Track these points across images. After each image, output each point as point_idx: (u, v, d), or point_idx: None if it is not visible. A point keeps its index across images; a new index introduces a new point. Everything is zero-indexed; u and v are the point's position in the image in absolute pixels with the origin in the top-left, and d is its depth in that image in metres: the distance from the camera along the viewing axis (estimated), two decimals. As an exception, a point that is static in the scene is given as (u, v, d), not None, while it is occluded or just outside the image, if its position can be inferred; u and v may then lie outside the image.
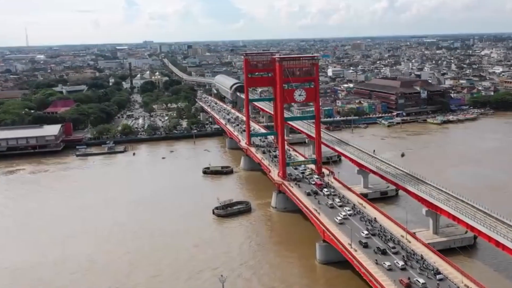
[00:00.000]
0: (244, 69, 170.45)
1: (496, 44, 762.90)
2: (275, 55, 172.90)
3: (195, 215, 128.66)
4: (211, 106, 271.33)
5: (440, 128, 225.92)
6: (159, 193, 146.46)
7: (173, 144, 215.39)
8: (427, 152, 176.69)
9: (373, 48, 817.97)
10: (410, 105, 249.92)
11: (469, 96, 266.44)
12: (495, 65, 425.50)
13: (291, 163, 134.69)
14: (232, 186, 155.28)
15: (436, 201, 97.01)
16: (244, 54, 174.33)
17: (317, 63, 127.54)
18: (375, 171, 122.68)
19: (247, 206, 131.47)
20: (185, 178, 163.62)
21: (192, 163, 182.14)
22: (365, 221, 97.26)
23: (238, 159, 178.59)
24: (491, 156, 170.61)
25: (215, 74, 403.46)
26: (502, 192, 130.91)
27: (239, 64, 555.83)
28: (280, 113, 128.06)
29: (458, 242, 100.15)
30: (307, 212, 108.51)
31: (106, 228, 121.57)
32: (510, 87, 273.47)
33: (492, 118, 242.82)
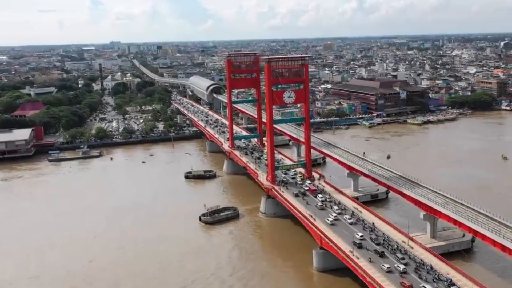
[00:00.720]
0: (226, 70, 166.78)
1: (464, 44, 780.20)
2: (258, 55, 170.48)
3: (181, 222, 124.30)
4: (187, 108, 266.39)
5: (421, 128, 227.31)
6: (141, 199, 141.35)
7: (150, 148, 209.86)
8: (412, 153, 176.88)
9: (344, 49, 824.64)
10: (390, 105, 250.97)
11: (447, 96, 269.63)
12: (468, 65, 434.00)
13: (281, 167, 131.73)
14: (217, 191, 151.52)
15: (435, 205, 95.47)
16: (227, 55, 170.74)
17: (306, 64, 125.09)
18: (367, 174, 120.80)
19: (235, 212, 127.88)
20: (166, 183, 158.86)
21: (173, 167, 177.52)
22: (368, 230, 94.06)
23: (220, 162, 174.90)
24: (475, 157, 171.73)
25: (188, 75, 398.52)
26: (492, 192, 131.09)
27: (212, 65, 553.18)
28: (269, 115, 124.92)
29: (457, 246, 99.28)
30: (301, 218, 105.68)
31: (86, 236, 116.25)
32: (487, 87, 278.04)
33: (471, 118, 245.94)
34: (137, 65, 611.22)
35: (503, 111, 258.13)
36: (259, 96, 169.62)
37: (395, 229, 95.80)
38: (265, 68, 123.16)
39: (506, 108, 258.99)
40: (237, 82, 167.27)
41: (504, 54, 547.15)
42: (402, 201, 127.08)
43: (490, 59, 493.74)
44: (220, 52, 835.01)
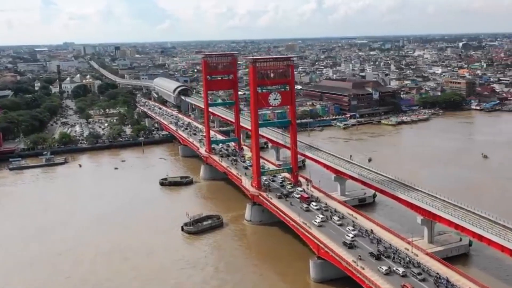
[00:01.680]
0: (203, 71, 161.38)
1: (424, 45, 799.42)
2: (235, 56, 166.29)
3: (162, 232, 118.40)
4: (155, 111, 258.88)
5: (395, 129, 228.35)
6: (116, 209, 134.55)
7: (118, 153, 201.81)
8: (393, 154, 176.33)
9: (306, 49, 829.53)
10: (362, 106, 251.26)
11: (418, 96, 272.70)
12: (432, 65, 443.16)
13: (267, 172, 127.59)
14: (196, 198, 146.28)
15: (435, 209, 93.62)
16: (203, 55, 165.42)
17: (292, 64, 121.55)
18: (358, 178, 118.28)
19: (219, 220, 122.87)
20: (142, 190, 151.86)
21: (147, 173, 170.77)
22: (376, 243, 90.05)
23: (195, 168, 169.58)
24: (455, 156, 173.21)
25: (151, 77, 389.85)
26: (481, 193, 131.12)
27: (174, 66, 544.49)
28: (254, 118, 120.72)
29: (455, 251, 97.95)
30: (294, 226, 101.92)
31: (60, 251, 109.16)
32: (456, 87, 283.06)
33: (443, 118, 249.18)
34: (96, 66, 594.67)
35: (473, 111, 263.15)
36: (237, 98, 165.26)
37: (394, 235, 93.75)
38: (250, 69, 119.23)
39: (476, 108, 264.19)
40: (214, 83, 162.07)
41: (464, 54, 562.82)
42: (390, 205, 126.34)
43: (451, 59, 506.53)
44: (180, 53, 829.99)
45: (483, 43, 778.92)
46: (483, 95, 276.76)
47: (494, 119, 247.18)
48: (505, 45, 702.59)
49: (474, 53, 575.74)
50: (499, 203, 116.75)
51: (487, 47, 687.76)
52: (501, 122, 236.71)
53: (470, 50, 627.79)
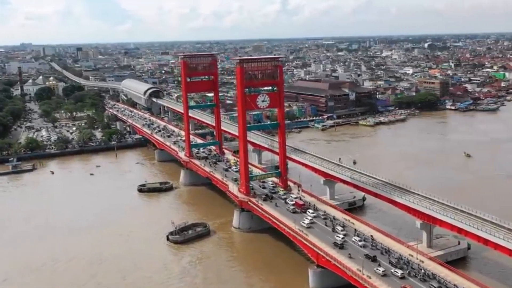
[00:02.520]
0: (182, 72, 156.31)
1: (390, 46, 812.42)
2: (215, 56, 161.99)
3: (146, 242, 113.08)
4: (126, 114, 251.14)
5: (374, 130, 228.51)
6: (95, 219, 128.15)
7: (90, 159, 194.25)
8: (376, 155, 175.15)
9: (273, 50, 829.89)
10: (339, 107, 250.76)
11: (393, 97, 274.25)
12: (401, 66, 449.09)
13: (255, 177, 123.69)
14: (178, 205, 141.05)
15: (436, 213, 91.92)
16: (182, 56, 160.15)
17: (280, 65, 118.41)
18: (350, 182, 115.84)
19: (206, 228, 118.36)
20: (120, 198, 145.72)
21: (123, 179, 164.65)
22: (387, 254, 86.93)
23: (173, 173, 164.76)
24: (438, 156, 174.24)
25: (118, 79, 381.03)
26: (470, 192, 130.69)
27: (140, 68, 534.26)
28: (242, 121, 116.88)
29: (454, 255, 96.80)
30: (290, 234, 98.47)
31: (36, 265, 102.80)
32: (430, 87, 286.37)
33: (420, 118, 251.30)
34: (58, 68, 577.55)
35: (448, 111, 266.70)
36: (218, 100, 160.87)
37: (394, 240, 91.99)
38: (237, 70, 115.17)
39: (451, 107, 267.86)
40: (194, 85, 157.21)
41: (431, 55, 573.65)
42: (380, 208, 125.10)
43: (419, 60, 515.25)
44: (145, 54, 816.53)
45: (448, 43, 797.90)
46: (456, 95, 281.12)
47: (470, 118, 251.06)
48: (469, 46, 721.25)
49: (441, 54, 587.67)
50: (491, 202, 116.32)
51: (452, 47, 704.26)
52: (477, 122, 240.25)
53: (436, 51, 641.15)
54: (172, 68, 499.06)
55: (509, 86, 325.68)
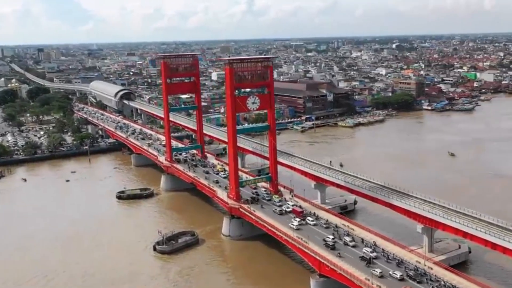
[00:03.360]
0: (162, 73, 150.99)
1: (358, 46, 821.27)
2: (196, 56, 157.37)
3: (132, 253, 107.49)
4: (97, 117, 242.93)
5: (354, 131, 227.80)
6: (76, 227, 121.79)
7: (61, 165, 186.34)
8: (361, 157, 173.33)
9: (242, 51, 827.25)
10: (317, 108, 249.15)
11: (370, 97, 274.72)
12: (373, 66, 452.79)
13: (245, 182, 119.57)
14: (161, 212, 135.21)
15: (439, 217, 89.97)
16: (162, 57, 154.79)
17: (271, 65, 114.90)
18: (344, 185, 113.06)
19: (194, 237, 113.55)
20: (98, 205, 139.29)
21: (100, 186, 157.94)
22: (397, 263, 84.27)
23: (153, 178, 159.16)
24: (424, 156, 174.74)
25: (85, 80, 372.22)
26: (465, 193, 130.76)
27: (106, 69, 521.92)
28: (232, 124, 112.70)
29: (456, 259, 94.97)
30: (288, 242, 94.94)
31: (16, 280, 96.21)
32: (405, 88, 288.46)
33: (398, 119, 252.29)
34: (19, 69, 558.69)
35: (425, 111, 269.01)
36: (199, 102, 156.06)
37: (395, 244, 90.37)
38: (226, 71, 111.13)
39: (427, 108, 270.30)
40: (174, 87, 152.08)
41: (400, 55, 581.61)
42: (371, 211, 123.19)
43: (389, 61, 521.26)
44: (109, 55, 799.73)
45: (414, 44, 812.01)
46: (431, 95, 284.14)
47: (447, 118, 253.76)
48: (436, 47, 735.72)
49: (409, 54, 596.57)
50: (488, 203, 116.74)
51: (419, 48, 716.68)
52: (455, 122, 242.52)
53: (404, 51, 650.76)
54: (141, 69, 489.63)
55: (481, 86, 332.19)
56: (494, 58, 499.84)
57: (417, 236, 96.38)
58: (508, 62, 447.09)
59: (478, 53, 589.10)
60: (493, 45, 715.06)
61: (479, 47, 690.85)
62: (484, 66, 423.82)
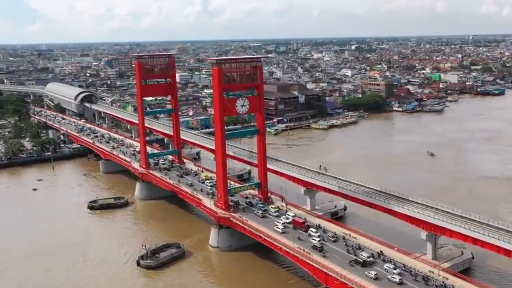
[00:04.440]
0: (136, 74, 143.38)
1: (317, 48, 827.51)
2: (173, 57, 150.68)
3: (113, 270, 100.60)
4: (57, 121, 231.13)
5: (329, 133, 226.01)
6: (50, 242, 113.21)
7: (22, 173, 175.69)
8: (342, 159, 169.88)
9: (199, 52, 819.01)
10: (289, 110, 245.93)
11: (341, 99, 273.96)
12: (336, 67, 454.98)
13: (233, 189, 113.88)
14: (138, 223, 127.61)
15: (446, 224, 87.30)
16: (137, 57, 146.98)
17: (260, 66, 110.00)
18: (338, 191, 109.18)
19: (181, 249, 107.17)
20: (72, 216, 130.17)
21: (69, 195, 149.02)
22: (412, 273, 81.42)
23: (125, 186, 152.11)
24: (406, 158, 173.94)
25: (40, 82, 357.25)
26: (455, 195, 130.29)
27: (60, 70, 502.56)
28: (220, 128, 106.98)
29: (461, 266, 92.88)
30: (289, 253, 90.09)
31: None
32: (375, 89, 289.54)
33: (370, 120, 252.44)
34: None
35: (396, 112, 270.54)
36: (176, 105, 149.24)
37: (399, 251, 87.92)
38: (214, 72, 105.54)
39: (398, 109, 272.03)
40: (150, 89, 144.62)
41: (361, 57, 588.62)
42: (362, 217, 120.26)
43: (351, 62, 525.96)
44: (61, 55, 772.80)
45: (372, 46, 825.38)
46: (400, 97, 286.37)
47: (419, 119, 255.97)
48: (394, 48, 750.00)
49: (370, 56, 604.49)
50: (473, 205, 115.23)
51: (378, 50, 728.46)
52: (428, 123, 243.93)
53: (364, 53, 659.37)
54: (97, 71, 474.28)
55: (447, 88, 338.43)
56: (453, 59, 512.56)
57: (415, 241, 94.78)
58: (469, 64, 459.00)
59: (437, 54, 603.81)
60: (450, 47, 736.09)
61: (436, 49, 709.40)
62: (446, 68, 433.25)
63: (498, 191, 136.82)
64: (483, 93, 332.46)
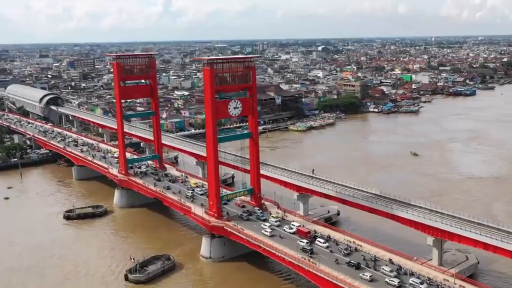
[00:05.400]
0: (114, 76, 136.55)
1: (283, 49, 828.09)
2: (153, 57, 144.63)
3: (100, 285, 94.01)
4: (22, 125, 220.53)
5: (308, 135, 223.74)
6: (30, 257, 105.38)
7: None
8: (328, 161, 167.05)
9: (164, 53, 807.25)
10: (266, 112, 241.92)
11: (317, 100, 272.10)
12: (306, 68, 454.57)
13: (226, 196, 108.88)
14: (121, 233, 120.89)
15: (455, 229, 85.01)
16: (115, 56, 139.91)
17: (253, 66, 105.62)
18: (335, 196, 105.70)
19: (171, 261, 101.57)
20: (50, 228, 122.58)
21: (45, 204, 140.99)
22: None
23: (101, 193, 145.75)
24: (391, 159, 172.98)
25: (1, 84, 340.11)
26: (447, 197, 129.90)
27: (18, 72, 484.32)
28: (213, 132, 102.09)
29: (467, 271, 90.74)
30: (292, 264, 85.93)
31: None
32: (350, 90, 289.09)
33: (348, 121, 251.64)
34: None
35: (372, 113, 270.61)
36: (157, 107, 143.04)
37: (405, 257, 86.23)
38: (206, 72, 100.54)
39: (374, 110, 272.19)
40: (129, 91, 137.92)
41: (330, 58, 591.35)
42: (354, 221, 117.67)
43: (320, 63, 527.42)
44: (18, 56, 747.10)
45: (338, 47, 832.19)
46: (375, 97, 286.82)
47: (396, 120, 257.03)
48: (361, 49, 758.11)
49: (338, 57, 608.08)
50: (468, 206, 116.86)
51: (345, 51, 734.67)
52: (405, 123, 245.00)
53: (331, 54, 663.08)
54: (60, 72, 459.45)
55: (419, 88, 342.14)
56: (420, 60, 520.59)
57: (413, 245, 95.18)
58: (437, 65, 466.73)
59: (403, 56, 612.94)
60: (415, 48, 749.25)
61: (402, 50, 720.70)
62: (415, 69, 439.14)
63: (489, 192, 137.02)
64: (455, 93, 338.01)
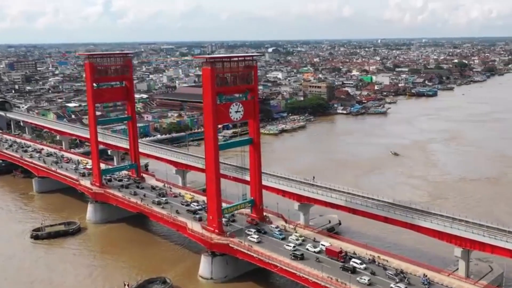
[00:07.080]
0: (86, 77, 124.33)
1: (232, 50, 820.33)
2: (129, 56, 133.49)
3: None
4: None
5: (281, 138, 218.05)
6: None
7: None
8: (312, 165, 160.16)
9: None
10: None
11: (284, 102, 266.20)
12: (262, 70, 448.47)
13: (226, 209, 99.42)
14: (102, 254, 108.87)
15: (491, 240, 79.92)
16: (87, 56, 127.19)
17: (255, 65, 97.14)
18: (344, 206, 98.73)
19: (168, 284, 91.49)
20: (20, 250, 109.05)
21: (5, 221, 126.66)
22: None
23: (70, 207, 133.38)
24: (376, 161, 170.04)
25: None
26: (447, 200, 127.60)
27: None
28: (214, 137, 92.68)
29: (495, 282, 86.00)
30: (316, 283, 78.13)
31: None
32: (316, 92, 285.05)
33: (318, 123, 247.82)
34: None
35: (341, 115, 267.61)
36: (133, 111, 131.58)
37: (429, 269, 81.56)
38: (205, 72, 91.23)
39: (342, 112, 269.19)
40: (103, 93, 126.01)
41: (283, 60, 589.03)
42: (355, 230, 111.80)
43: (274, 64, 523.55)
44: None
45: (287, 49, 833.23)
46: (342, 99, 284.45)
47: (366, 121, 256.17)
48: (312, 51, 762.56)
49: (291, 59, 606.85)
50: (471, 209, 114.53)
51: (296, 53, 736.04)
52: (378, 125, 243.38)
53: (281, 56, 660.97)
54: (0, 75, 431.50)
55: (382, 89, 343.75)
56: (373, 62, 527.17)
57: (432, 256, 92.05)
58: (392, 66, 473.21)
59: (356, 57, 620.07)
60: (364, 50, 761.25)
61: (352, 52, 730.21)
62: (372, 70, 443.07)
63: (485, 193, 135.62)
64: (418, 94, 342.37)
